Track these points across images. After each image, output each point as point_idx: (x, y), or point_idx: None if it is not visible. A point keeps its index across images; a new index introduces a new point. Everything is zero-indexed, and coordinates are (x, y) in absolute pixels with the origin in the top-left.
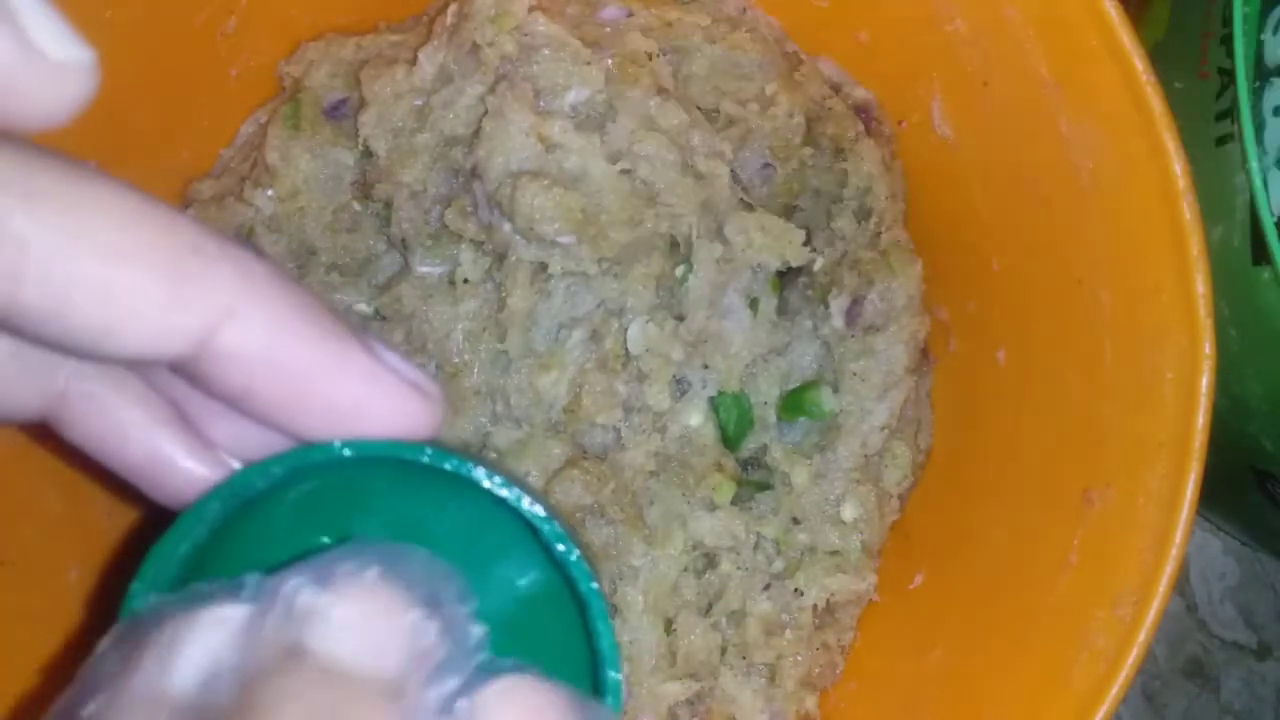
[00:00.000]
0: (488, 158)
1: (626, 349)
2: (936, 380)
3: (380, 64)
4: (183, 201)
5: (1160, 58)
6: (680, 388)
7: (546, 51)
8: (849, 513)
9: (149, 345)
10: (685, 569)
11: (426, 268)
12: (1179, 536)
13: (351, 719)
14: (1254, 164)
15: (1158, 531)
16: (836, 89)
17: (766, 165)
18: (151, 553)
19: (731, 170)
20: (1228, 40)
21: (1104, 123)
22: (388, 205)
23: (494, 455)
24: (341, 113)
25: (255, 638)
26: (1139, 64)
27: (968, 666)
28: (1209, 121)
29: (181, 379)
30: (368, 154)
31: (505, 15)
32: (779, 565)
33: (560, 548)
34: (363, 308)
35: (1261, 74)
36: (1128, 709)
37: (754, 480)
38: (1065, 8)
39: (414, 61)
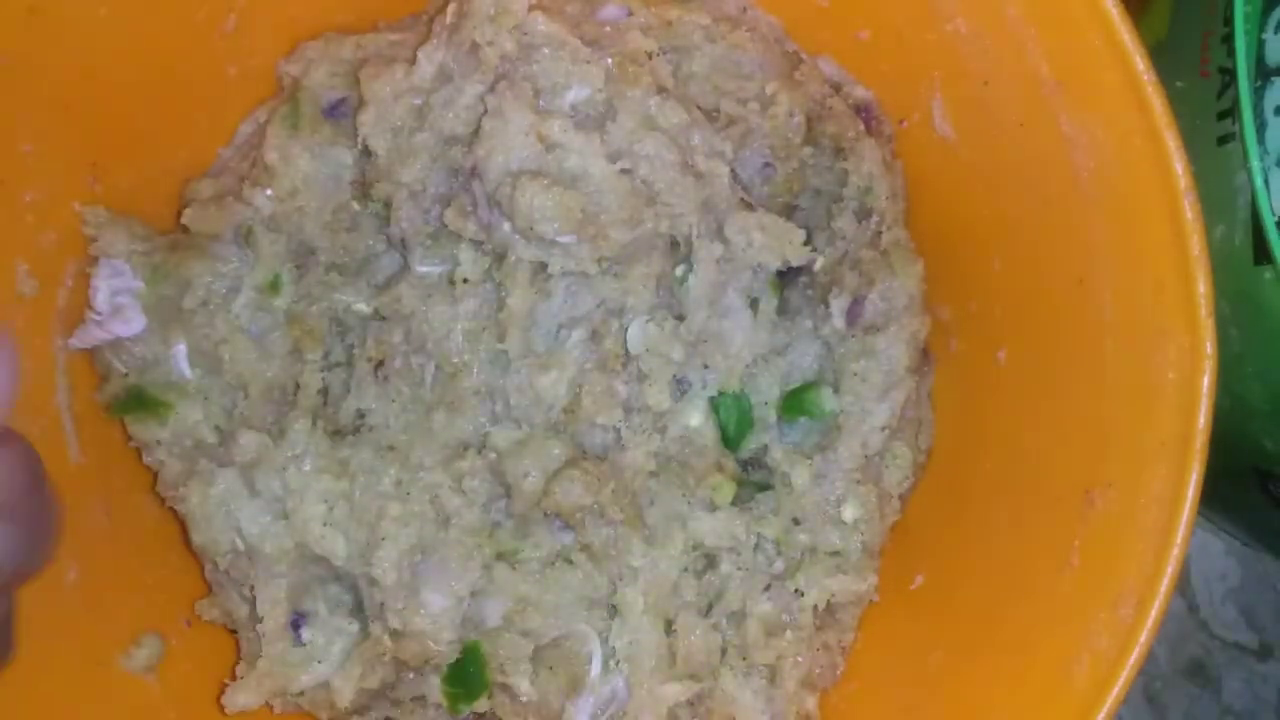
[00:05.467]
0: (487, 157)
1: (626, 349)
2: (937, 380)
3: (379, 63)
4: (181, 201)
5: (1161, 57)
6: (680, 388)
7: (546, 50)
8: (849, 513)
9: None
10: (685, 569)
11: (426, 267)
12: (1180, 536)
13: None
14: (1255, 163)
15: (1159, 531)
16: (837, 88)
17: (767, 164)
18: None
19: (731, 170)
20: (1229, 39)
21: (1105, 122)
22: (387, 205)
23: (493, 455)
24: (340, 112)
25: None
26: (1140, 63)
27: (969, 667)
28: (1210, 121)
29: None
30: (367, 153)
31: (505, 14)
32: (779, 566)
33: None
34: (362, 307)
35: (1263, 73)
36: (1129, 710)
37: (754, 480)
38: (1066, 7)
39: (413, 61)
